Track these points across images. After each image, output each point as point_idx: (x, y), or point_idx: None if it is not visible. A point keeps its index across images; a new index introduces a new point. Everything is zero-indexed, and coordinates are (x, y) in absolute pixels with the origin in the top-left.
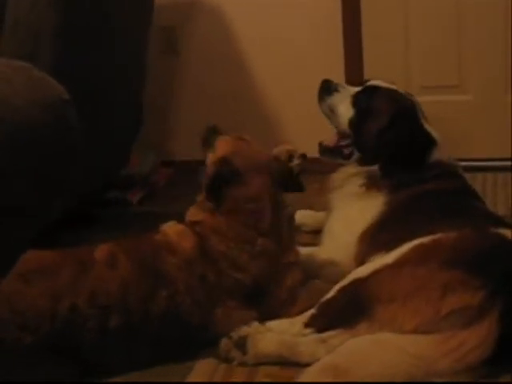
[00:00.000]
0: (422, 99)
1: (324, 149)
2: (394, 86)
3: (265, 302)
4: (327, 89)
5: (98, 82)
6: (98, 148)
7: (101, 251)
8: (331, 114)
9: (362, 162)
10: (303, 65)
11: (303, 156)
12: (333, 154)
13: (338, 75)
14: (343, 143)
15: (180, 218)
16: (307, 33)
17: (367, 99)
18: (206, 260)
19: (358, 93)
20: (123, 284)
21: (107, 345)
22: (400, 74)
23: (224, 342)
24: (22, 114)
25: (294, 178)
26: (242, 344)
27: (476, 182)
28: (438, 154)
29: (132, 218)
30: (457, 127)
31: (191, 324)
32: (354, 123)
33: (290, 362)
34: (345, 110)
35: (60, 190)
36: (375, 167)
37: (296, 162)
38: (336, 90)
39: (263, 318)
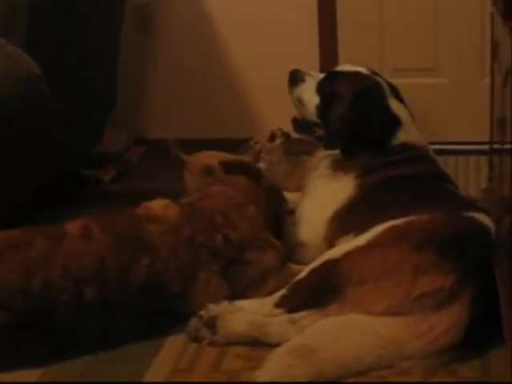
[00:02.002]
0: (397, 82)
1: (298, 124)
2: (358, 69)
3: (239, 274)
4: (294, 80)
5: (71, 59)
6: (71, 125)
7: (72, 225)
8: (300, 104)
9: (327, 145)
10: (277, 42)
11: (286, 135)
12: (306, 130)
13: (312, 57)
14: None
15: (152, 196)
16: (282, 11)
17: (330, 85)
18: (194, 222)
19: (321, 80)
20: (99, 255)
21: (83, 319)
22: (375, 57)
23: (194, 322)
24: None
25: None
26: (212, 324)
27: (448, 165)
28: (407, 137)
29: (105, 195)
30: (432, 110)
31: (171, 292)
32: (320, 110)
33: (260, 343)
34: (311, 99)
35: (34, 163)
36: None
37: (278, 141)
38: (302, 80)
39: (233, 297)
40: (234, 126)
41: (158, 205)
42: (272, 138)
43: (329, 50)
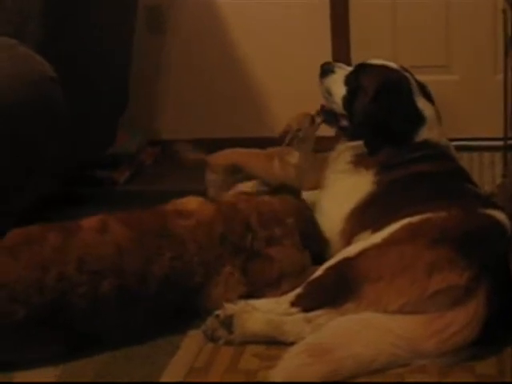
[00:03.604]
0: None
1: (325, 112)
2: (388, 63)
3: (259, 271)
4: (325, 71)
5: (84, 60)
6: (84, 126)
7: (88, 220)
8: (328, 95)
9: (350, 136)
10: (289, 42)
11: (320, 110)
12: (332, 120)
13: (324, 54)
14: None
15: (167, 197)
16: (294, 11)
17: (357, 77)
18: (230, 222)
19: (350, 72)
20: (116, 248)
21: (99, 312)
22: (387, 54)
23: (210, 321)
24: (8, 90)
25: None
26: (228, 323)
27: (462, 161)
28: (429, 135)
29: (119, 196)
30: (445, 107)
31: (191, 286)
32: (346, 101)
33: (276, 341)
34: (338, 90)
35: (46, 165)
36: (361, 142)
37: (319, 120)
38: (332, 71)
39: (249, 296)
40: (247, 125)
41: (191, 201)
42: (313, 120)
43: (341, 48)
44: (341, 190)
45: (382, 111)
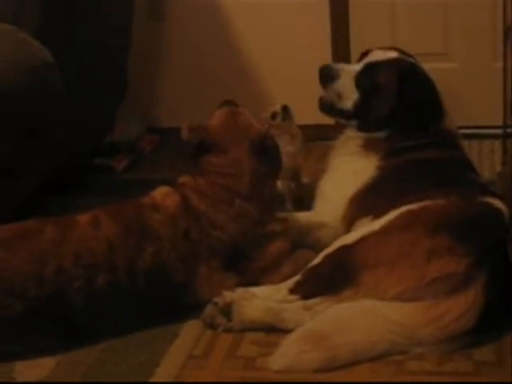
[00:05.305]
0: None
1: (324, 103)
2: (390, 55)
3: (245, 266)
4: (327, 76)
5: (82, 47)
6: (82, 113)
7: (83, 215)
8: (337, 99)
9: (363, 129)
10: (289, 28)
11: (284, 108)
12: (332, 111)
13: (323, 41)
14: None
15: (166, 185)
16: None
17: (370, 78)
18: (189, 216)
19: (359, 73)
20: (108, 243)
21: (95, 305)
22: (385, 41)
23: (209, 308)
24: (6, 77)
25: (270, 147)
26: (227, 310)
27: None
28: (448, 121)
29: (117, 184)
30: (444, 95)
31: (175, 282)
32: (360, 104)
33: (275, 329)
34: (349, 94)
35: (46, 152)
36: (376, 134)
37: (279, 118)
38: (337, 77)
39: (246, 284)
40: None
41: (159, 192)
42: (273, 116)
43: (340, 34)
44: (345, 175)
45: (410, 104)
